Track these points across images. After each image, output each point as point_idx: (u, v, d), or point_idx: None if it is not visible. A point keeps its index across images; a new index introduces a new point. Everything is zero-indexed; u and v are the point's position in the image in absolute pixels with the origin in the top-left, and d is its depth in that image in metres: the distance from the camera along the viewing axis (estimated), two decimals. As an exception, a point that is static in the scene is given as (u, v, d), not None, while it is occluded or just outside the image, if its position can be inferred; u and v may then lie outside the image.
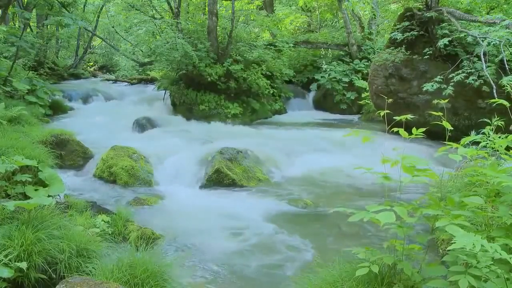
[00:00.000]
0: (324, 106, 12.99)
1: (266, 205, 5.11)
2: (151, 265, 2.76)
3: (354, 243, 4.00)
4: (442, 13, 8.48)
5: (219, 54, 10.85)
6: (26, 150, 4.47)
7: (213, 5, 10.68)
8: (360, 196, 5.45)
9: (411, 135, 2.60)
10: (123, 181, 5.67)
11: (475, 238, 1.82)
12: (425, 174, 2.43)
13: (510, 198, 2.35)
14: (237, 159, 6.18)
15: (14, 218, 3.02)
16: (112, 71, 22.29)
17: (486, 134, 3.27)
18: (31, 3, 11.65)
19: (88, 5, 18.44)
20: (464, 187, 3.59)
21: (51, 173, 4.29)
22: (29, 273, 2.66)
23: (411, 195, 4.83)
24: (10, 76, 8.70)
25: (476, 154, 2.55)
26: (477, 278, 1.96)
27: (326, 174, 6.28)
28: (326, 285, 2.54)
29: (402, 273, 2.39)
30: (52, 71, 15.69)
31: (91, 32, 17.71)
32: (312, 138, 8.58)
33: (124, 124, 9.42)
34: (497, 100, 3.18)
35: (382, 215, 2.19)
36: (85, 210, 4.04)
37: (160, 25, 12.14)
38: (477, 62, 7.72)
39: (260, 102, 11.57)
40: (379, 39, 13.86)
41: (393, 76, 9.02)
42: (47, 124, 8.59)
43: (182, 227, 4.37)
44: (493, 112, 3.96)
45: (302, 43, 14.10)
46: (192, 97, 10.79)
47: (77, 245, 2.93)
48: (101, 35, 20.86)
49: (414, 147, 6.93)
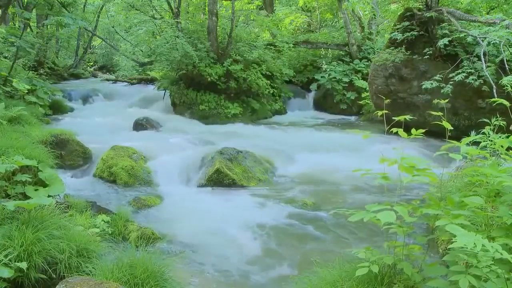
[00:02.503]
0: (324, 106, 12.99)
1: (266, 205, 5.11)
2: (151, 265, 2.75)
3: (354, 243, 4.01)
4: (442, 13, 8.48)
5: (219, 54, 10.85)
6: (26, 150, 4.47)
7: (213, 5, 10.68)
8: (360, 196, 5.44)
9: (411, 136, 2.60)
10: (123, 181, 5.66)
11: (476, 238, 1.82)
12: (425, 174, 2.43)
13: (510, 198, 2.35)
14: (237, 159, 6.18)
15: (14, 218, 3.02)
16: (112, 71, 22.31)
17: (486, 134, 3.28)
18: (31, 3, 11.65)
19: (88, 5, 18.45)
20: (464, 187, 3.59)
21: (51, 173, 4.29)
22: (29, 273, 2.66)
23: (411, 195, 4.84)
24: (10, 76, 8.69)
25: (476, 153, 2.54)
26: (478, 278, 1.96)
27: (326, 174, 6.28)
28: (326, 285, 2.54)
29: (402, 273, 2.39)
30: (52, 71, 15.70)
31: (91, 32, 17.72)
32: (312, 138, 8.59)
33: (124, 124, 9.41)
34: (497, 100, 3.18)
35: (382, 215, 2.19)
36: (85, 210, 4.04)
37: (160, 25, 12.15)
38: (477, 62, 7.72)
39: (260, 102, 11.57)
40: (379, 39, 13.85)
41: (393, 76, 9.02)
42: (47, 124, 8.59)
43: (182, 227, 4.36)
44: (493, 112, 3.97)
45: (302, 43, 14.09)
46: (192, 97, 10.79)
47: (77, 245, 2.93)
48: (101, 35, 20.86)
49: (414, 147, 6.94)
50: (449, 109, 8.08)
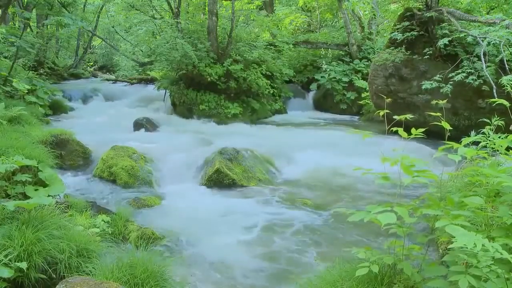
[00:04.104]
0: (324, 106, 13.00)
1: (266, 205, 5.12)
2: (151, 265, 2.75)
3: (354, 243, 4.00)
4: (442, 13, 8.48)
5: (219, 54, 10.85)
6: (26, 150, 4.47)
7: (213, 5, 10.67)
8: (360, 196, 5.45)
9: (411, 135, 2.60)
10: (123, 181, 5.66)
11: (476, 237, 1.82)
12: (425, 174, 2.43)
13: (510, 198, 2.35)
14: (237, 159, 6.19)
15: (14, 218, 3.02)
16: (112, 71, 22.33)
17: (486, 134, 3.28)
18: (31, 3, 11.65)
19: (88, 5, 18.45)
20: (464, 187, 3.59)
21: (51, 173, 4.28)
22: (29, 273, 2.66)
23: (411, 195, 4.84)
24: (10, 76, 8.69)
25: (476, 154, 2.54)
26: (477, 278, 1.96)
27: (326, 174, 6.28)
28: (326, 285, 2.54)
29: (402, 273, 2.39)
30: (52, 71, 15.70)
31: (91, 32, 17.71)
32: (312, 138, 8.59)
33: (124, 124, 9.41)
34: (497, 100, 3.18)
35: (382, 216, 2.19)
36: (85, 210, 4.04)
37: (160, 25, 12.15)
38: (477, 62, 7.72)
39: (260, 102, 11.57)
40: (379, 39, 13.85)
41: (393, 76, 9.03)
42: (47, 124, 8.58)
43: (182, 227, 4.36)
44: (493, 112, 3.97)
45: (302, 43, 14.10)
46: (192, 97, 10.80)
47: (77, 245, 2.93)
48: (101, 35, 20.86)
49: (414, 147, 6.93)
50: (449, 109, 8.08)
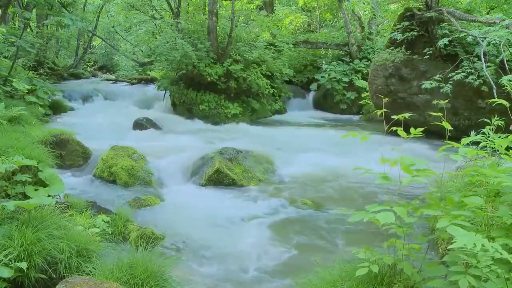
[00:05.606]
0: (324, 106, 13.00)
1: (266, 205, 5.11)
2: (151, 265, 2.75)
3: (354, 243, 4.00)
4: (442, 13, 8.48)
5: (219, 54, 10.85)
6: (26, 150, 4.46)
7: (213, 5, 10.67)
8: (360, 196, 5.45)
9: (410, 135, 2.60)
10: (123, 181, 5.66)
11: (475, 238, 1.82)
12: (425, 174, 2.43)
13: (510, 198, 2.35)
14: (237, 159, 6.18)
15: (14, 218, 3.02)
16: (112, 71, 22.32)
17: (486, 134, 3.27)
18: (31, 3, 11.64)
19: (88, 5, 18.44)
20: (464, 187, 3.59)
21: (51, 173, 4.28)
22: (29, 273, 2.66)
23: (411, 195, 4.84)
24: (10, 76, 8.69)
25: (476, 154, 2.54)
26: (477, 278, 1.96)
27: (326, 174, 6.28)
28: (326, 285, 2.54)
29: (402, 273, 2.39)
30: (52, 71, 15.69)
31: (91, 32, 17.70)
32: (312, 138, 8.59)
33: (124, 124, 9.41)
34: (497, 100, 3.18)
35: (381, 215, 2.19)
36: (85, 210, 4.04)
37: (160, 25, 12.15)
38: (477, 62, 7.73)
39: (260, 102, 11.57)
40: (379, 39, 13.86)
41: (393, 76, 9.03)
42: (47, 124, 8.58)
43: (182, 227, 4.37)
44: (493, 112, 3.96)
45: (302, 43, 14.09)
46: (192, 97, 10.80)
47: (77, 245, 2.93)
48: (101, 35, 20.85)
49: (414, 147, 6.94)
50: (449, 109, 8.08)
